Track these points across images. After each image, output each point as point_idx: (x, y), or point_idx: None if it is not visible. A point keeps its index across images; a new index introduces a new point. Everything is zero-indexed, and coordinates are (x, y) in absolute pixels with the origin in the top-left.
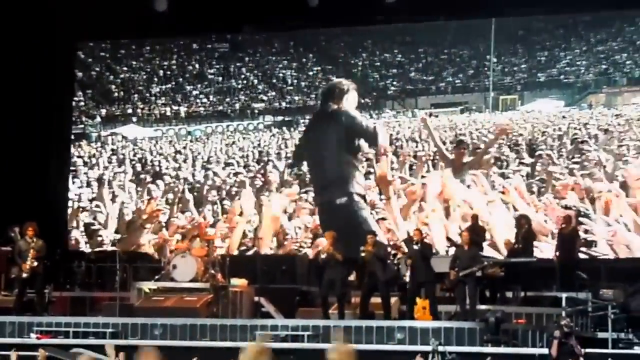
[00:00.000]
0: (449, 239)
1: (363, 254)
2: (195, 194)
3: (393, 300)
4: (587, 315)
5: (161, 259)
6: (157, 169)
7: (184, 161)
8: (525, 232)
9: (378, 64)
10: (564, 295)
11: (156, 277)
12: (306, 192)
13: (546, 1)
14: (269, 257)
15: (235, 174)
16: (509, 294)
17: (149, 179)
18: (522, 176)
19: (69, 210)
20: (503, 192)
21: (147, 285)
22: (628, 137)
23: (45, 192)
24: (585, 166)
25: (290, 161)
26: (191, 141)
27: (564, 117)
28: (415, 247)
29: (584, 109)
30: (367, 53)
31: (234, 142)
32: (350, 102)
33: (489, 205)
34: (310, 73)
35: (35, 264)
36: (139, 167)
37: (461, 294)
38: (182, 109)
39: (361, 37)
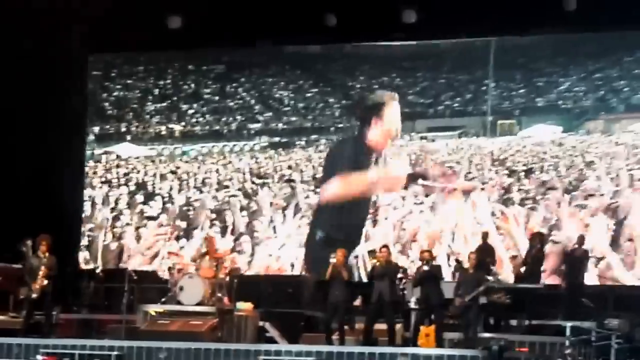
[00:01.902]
0: (457, 260)
1: (374, 261)
2: (190, 215)
3: (397, 326)
4: (591, 345)
5: (168, 280)
6: (151, 189)
7: (179, 183)
8: (537, 252)
9: (376, 86)
10: (568, 324)
11: (162, 299)
12: None
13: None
14: (276, 278)
15: (231, 196)
16: (514, 322)
17: (140, 199)
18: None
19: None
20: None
21: (153, 309)
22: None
23: (59, 207)
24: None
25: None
26: (186, 161)
27: (560, 144)
28: (426, 267)
29: (582, 135)
30: (364, 76)
31: (230, 162)
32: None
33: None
34: (308, 95)
35: (45, 282)
36: (132, 187)
37: (466, 320)
38: (177, 128)
39: (358, 61)
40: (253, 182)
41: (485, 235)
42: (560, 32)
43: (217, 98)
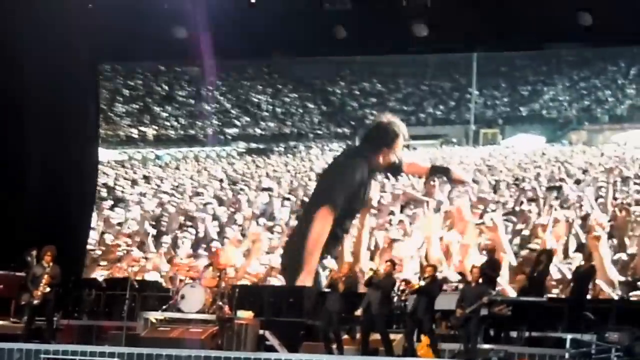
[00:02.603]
0: (461, 273)
1: (372, 272)
2: (164, 222)
3: (399, 336)
4: (590, 358)
5: (170, 288)
6: (120, 194)
7: (151, 188)
8: (543, 268)
9: (357, 92)
10: (568, 336)
11: (163, 307)
12: None
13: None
14: (277, 288)
15: (205, 204)
16: (514, 334)
17: (107, 204)
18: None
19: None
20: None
21: (153, 316)
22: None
23: (66, 216)
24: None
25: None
26: (160, 166)
27: (543, 154)
28: (423, 282)
29: (565, 145)
30: (345, 82)
31: (205, 168)
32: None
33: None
34: (286, 99)
35: (47, 290)
36: (103, 193)
37: (467, 332)
38: (150, 132)
39: (338, 68)
40: (229, 189)
41: (491, 250)
42: (556, 48)
43: (192, 101)
